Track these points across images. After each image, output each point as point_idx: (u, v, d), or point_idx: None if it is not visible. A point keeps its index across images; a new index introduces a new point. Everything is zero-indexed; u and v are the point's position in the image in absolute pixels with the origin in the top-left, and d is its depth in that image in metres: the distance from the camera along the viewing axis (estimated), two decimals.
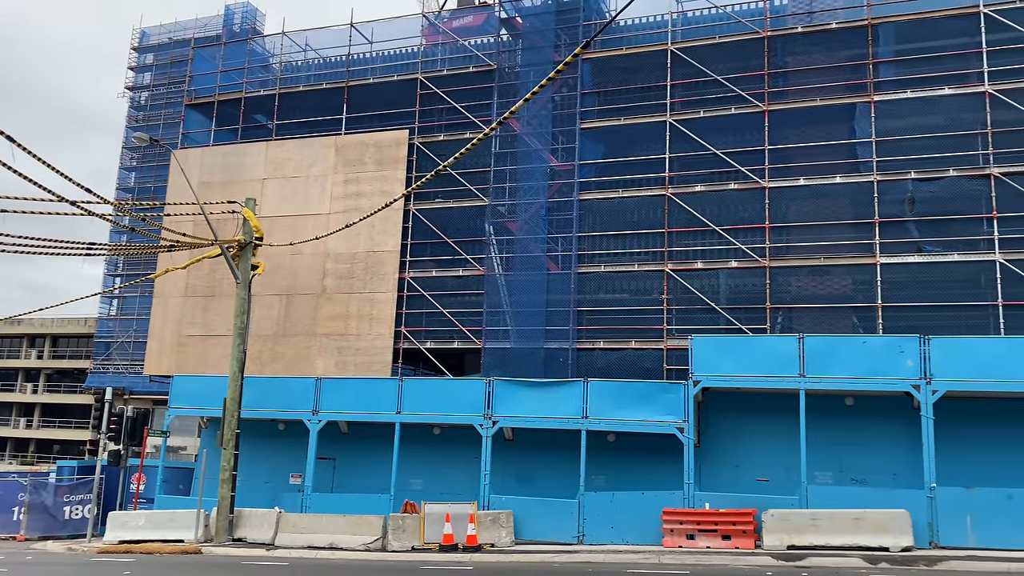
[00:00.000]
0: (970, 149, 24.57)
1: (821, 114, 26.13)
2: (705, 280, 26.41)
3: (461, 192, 29.14)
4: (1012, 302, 22.90)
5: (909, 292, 24.00)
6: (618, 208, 27.77)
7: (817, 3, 26.92)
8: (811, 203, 26.17)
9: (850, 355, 21.21)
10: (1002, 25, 24.37)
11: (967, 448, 20.72)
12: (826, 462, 21.86)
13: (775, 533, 19.57)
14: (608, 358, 26.14)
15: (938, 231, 24.47)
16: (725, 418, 23.02)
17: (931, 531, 19.29)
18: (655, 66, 27.90)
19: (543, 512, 22.18)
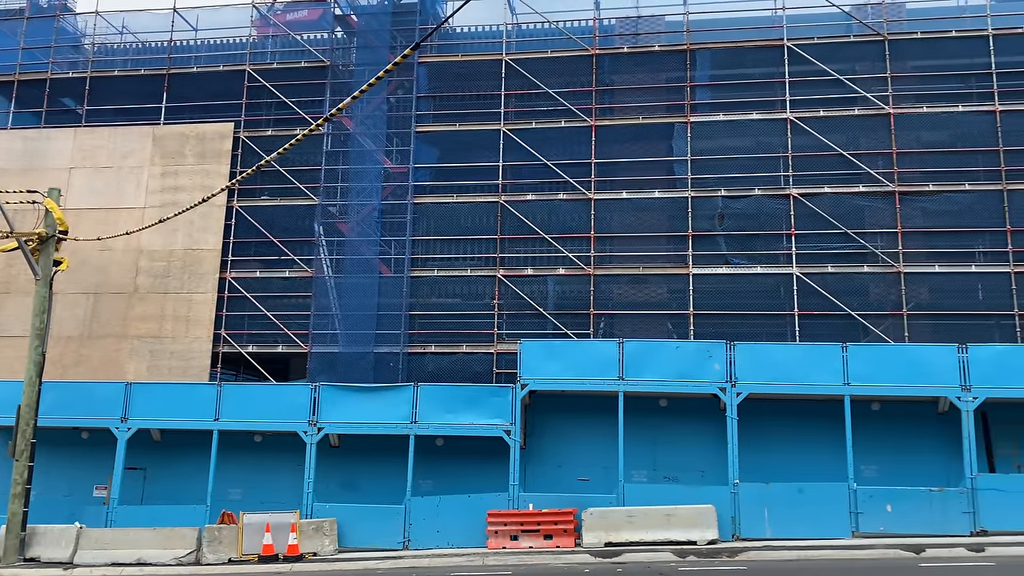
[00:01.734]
0: (773, 171, 26.72)
1: (643, 131, 27.54)
2: (534, 286, 27.07)
3: (290, 190, 28.23)
4: (806, 312, 25.10)
5: (718, 301, 25.73)
6: (452, 213, 27.93)
7: (642, 26, 28.38)
8: (632, 215, 27.50)
9: (665, 359, 22.45)
10: (803, 59, 26.72)
11: (767, 446, 22.46)
12: (642, 461, 22.99)
13: (594, 531, 20.34)
14: (439, 362, 26.19)
15: (744, 245, 26.44)
16: (550, 420, 23.68)
17: (734, 524, 20.73)
18: (490, 75, 28.34)
19: (369, 519, 21.86)
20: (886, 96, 26.19)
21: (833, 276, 25.37)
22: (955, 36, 26.45)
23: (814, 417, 22.32)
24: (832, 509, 20.54)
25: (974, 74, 26.45)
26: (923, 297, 25.23)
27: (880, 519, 20.40)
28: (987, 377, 21.09)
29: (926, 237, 25.71)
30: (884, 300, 25.30)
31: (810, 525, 20.43)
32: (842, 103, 26.53)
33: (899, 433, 22.34)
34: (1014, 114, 25.46)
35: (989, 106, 25.63)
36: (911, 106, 26.22)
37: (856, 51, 27.05)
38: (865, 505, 20.51)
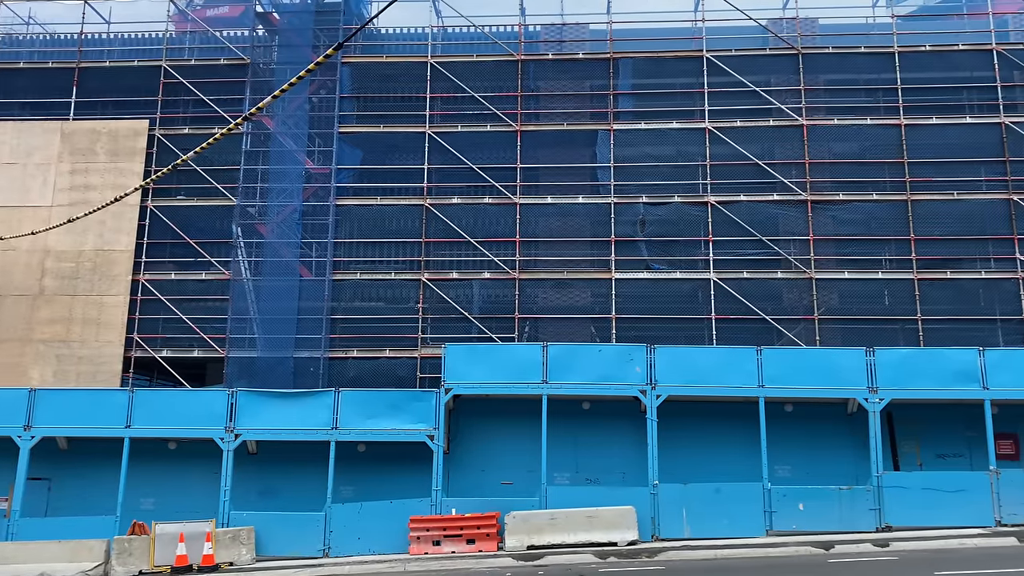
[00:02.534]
0: (692, 178, 27.34)
1: (568, 137, 27.83)
2: (460, 290, 27.02)
3: (207, 190, 27.44)
4: (723, 316, 25.76)
5: (639, 305, 26.19)
6: (376, 215, 27.64)
7: (567, 33, 28.70)
8: (557, 220, 27.75)
9: (587, 362, 22.73)
10: (721, 70, 27.46)
11: (686, 447, 22.94)
12: (565, 463, 23.18)
13: (516, 534, 20.40)
14: (361, 367, 25.84)
15: (664, 251, 26.99)
16: (475, 424, 23.65)
17: (653, 525, 21.10)
18: (416, 77, 28.18)
19: (288, 526, 21.43)
20: (799, 108, 27.13)
21: (749, 282, 26.12)
22: (864, 52, 27.61)
23: (731, 418, 22.91)
24: (748, 508, 21.13)
25: (881, 89, 27.65)
26: (833, 302, 26.21)
27: (793, 517, 21.07)
28: (892, 379, 22.06)
29: (836, 245, 26.73)
30: (797, 305, 26.19)
31: (727, 524, 20.97)
32: (758, 114, 27.37)
33: (811, 434, 23.13)
34: (918, 128, 26.70)
35: (895, 120, 26.82)
36: (823, 118, 27.23)
37: (772, 64, 27.95)
38: (779, 504, 21.16)
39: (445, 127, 27.63)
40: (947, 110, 26.99)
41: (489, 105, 27.52)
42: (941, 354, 22.50)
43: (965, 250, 26.27)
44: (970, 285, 25.98)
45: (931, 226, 26.09)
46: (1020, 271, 25.51)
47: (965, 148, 26.63)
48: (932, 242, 26.03)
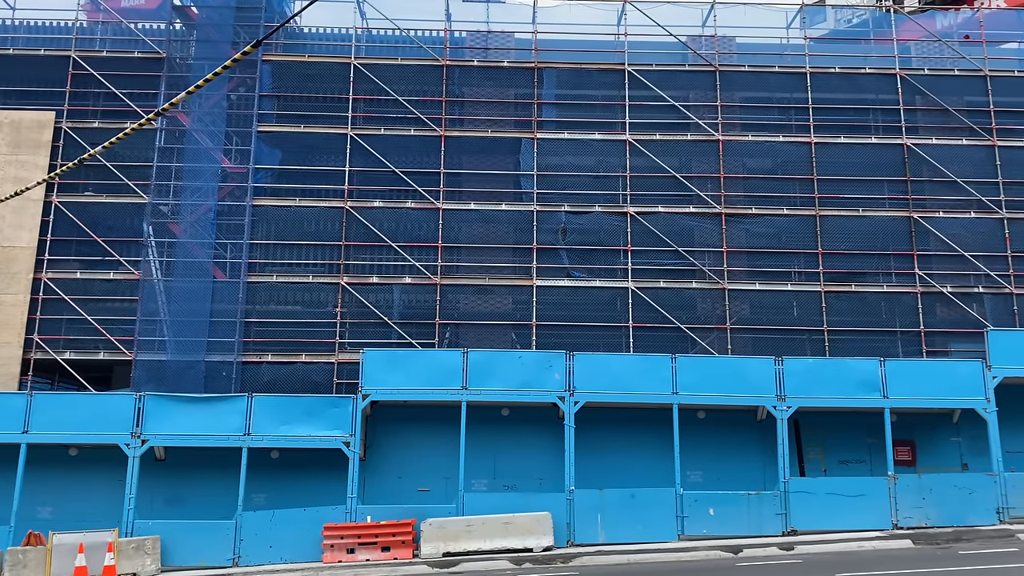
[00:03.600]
0: (613, 189, 27.79)
1: (492, 144, 27.93)
2: (380, 294, 26.73)
3: (117, 187, 26.40)
4: (641, 324, 26.25)
5: (559, 312, 26.45)
6: (294, 217, 27.09)
7: (492, 41, 28.82)
8: (480, 226, 27.77)
9: (508, 369, 22.82)
10: (642, 84, 28.03)
11: (603, 453, 23.29)
12: (483, 470, 23.21)
13: (432, 541, 20.29)
14: (276, 372, 25.28)
15: (585, 259, 27.35)
16: (392, 431, 23.45)
17: (569, 531, 21.31)
18: (338, 78, 27.81)
19: (196, 535, 20.79)
20: (716, 124, 27.93)
21: (665, 291, 26.69)
22: (778, 72, 28.64)
23: (646, 425, 23.37)
24: (661, 513, 21.55)
25: (794, 108, 28.71)
26: (745, 312, 27.02)
27: (704, 522, 21.59)
28: (799, 388, 22.88)
29: (748, 257, 27.57)
30: (710, 314, 26.89)
31: (641, 529, 21.34)
32: (677, 128, 28.04)
33: (722, 440, 23.78)
34: (827, 146, 27.82)
35: (806, 138, 27.88)
36: (738, 134, 28.10)
37: (691, 80, 28.68)
38: (690, 509, 21.65)
39: (368, 129, 27.34)
40: (854, 130, 28.23)
41: (413, 109, 27.38)
42: (845, 364, 23.46)
43: (868, 264, 27.46)
44: (873, 298, 27.18)
45: (837, 241, 27.21)
46: (919, 285, 26.83)
47: (870, 167, 27.89)
48: (838, 256, 27.15)
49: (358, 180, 27.21)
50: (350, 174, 26.98)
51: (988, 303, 26.92)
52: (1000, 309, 26.87)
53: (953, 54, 29.17)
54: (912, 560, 17.39)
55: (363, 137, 27.11)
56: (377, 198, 27.04)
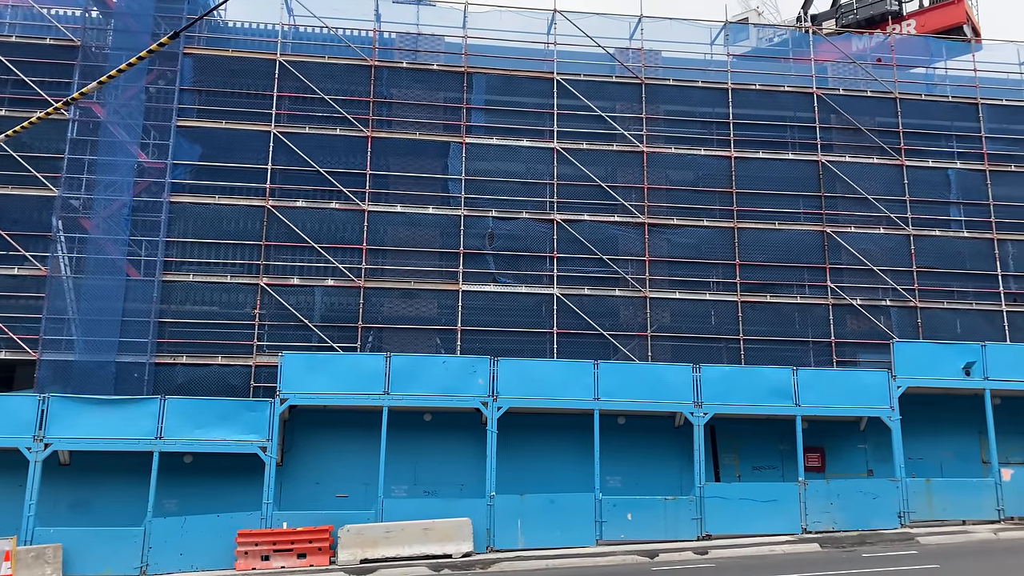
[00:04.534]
0: (540, 196, 28.03)
1: (420, 147, 27.77)
2: (301, 296, 26.22)
3: (24, 178, 25.17)
4: (565, 331, 26.49)
5: (485, 317, 26.46)
6: (213, 215, 26.35)
7: (422, 43, 28.69)
8: (406, 229, 27.58)
9: (431, 374, 22.70)
10: (570, 93, 28.35)
11: (524, 458, 23.37)
12: (403, 476, 23.01)
13: (350, 548, 20.00)
14: (191, 374, 24.51)
15: (511, 265, 27.43)
16: (311, 435, 23.04)
17: (489, 536, 21.30)
18: (263, 74, 27.23)
19: (102, 543, 20.00)
20: (641, 135, 28.45)
21: (589, 298, 27.02)
22: (701, 87, 29.37)
23: (568, 430, 23.57)
24: (580, 518, 21.76)
25: (715, 122, 29.47)
26: (665, 320, 27.56)
27: (622, 527, 21.89)
28: (716, 395, 23.44)
29: (670, 266, 28.14)
30: (632, 322, 27.34)
31: (560, 534, 21.50)
32: (603, 138, 28.45)
33: (641, 445, 24.19)
34: (746, 161, 28.66)
35: (726, 152, 28.66)
36: (662, 146, 28.68)
37: (617, 91, 29.15)
38: (609, 514, 21.92)
39: (292, 127, 26.85)
40: (772, 146, 29.17)
41: (340, 108, 27.03)
42: (759, 372, 24.16)
43: (783, 276, 28.35)
44: (787, 308, 28.08)
45: (754, 252, 28.04)
46: (830, 297, 27.87)
47: (786, 182, 28.87)
48: (755, 267, 27.98)
49: (281, 179, 26.68)
50: (273, 173, 26.44)
51: (894, 316, 28.15)
52: (905, 322, 28.13)
53: (866, 76, 30.45)
54: (819, 563, 17.99)
55: (287, 135, 26.61)
56: (300, 198, 26.56)
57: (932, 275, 28.63)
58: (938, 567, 16.71)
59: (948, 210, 29.67)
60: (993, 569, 16.16)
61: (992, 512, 23.22)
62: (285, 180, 26.74)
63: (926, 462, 24.98)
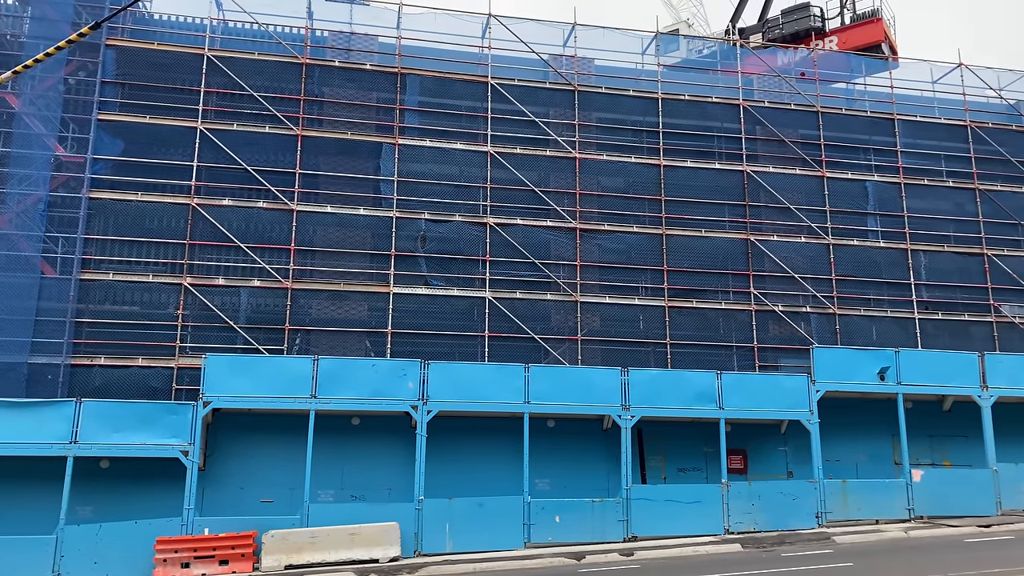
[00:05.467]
0: (473, 199, 28.04)
1: (351, 147, 27.44)
2: (226, 297, 25.59)
3: None
4: (496, 334, 26.53)
5: (416, 320, 26.30)
6: (135, 212, 25.49)
7: (355, 43, 28.37)
8: (336, 230, 27.21)
9: (360, 377, 22.47)
10: (504, 97, 28.46)
11: (454, 462, 23.36)
12: (330, 480, 22.73)
13: (274, 554, 19.64)
14: (109, 376, 23.66)
15: (443, 268, 27.34)
16: (235, 439, 22.56)
17: (416, 541, 21.19)
18: (190, 69, 26.52)
19: (10, 551, 19.33)
20: (573, 142, 28.75)
21: (521, 302, 27.15)
22: (632, 95, 29.84)
23: (498, 433, 23.63)
24: (508, 521, 21.84)
25: (646, 131, 29.97)
26: (595, 324, 27.89)
27: (550, 529, 22.05)
28: (643, 398, 23.84)
29: (600, 271, 28.50)
30: (563, 326, 27.57)
31: (488, 537, 21.54)
32: (536, 143, 28.64)
33: (570, 448, 24.45)
34: (675, 169, 29.24)
35: (656, 160, 29.20)
36: (594, 153, 29.03)
37: (551, 97, 29.37)
38: (537, 517, 22.06)
39: (219, 124, 26.22)
40: (700, 155, 29.84)
41: (269, 106, 26.55)
42: (685, 376, 24.68)
43: (709, 282, 29.02)
44: (712, 314, 28.75)
45: (681, 259, 28.62)
46: (753, 304, 28.64)
47: (713, 191, 29.57)
48: (682, 273, 28.55)
49: (207, 176, 26.02)
50: (198, 170, 25.78)
51: (814, 322, 29.10)
52: (824, 328, 29.11)
53: (790, 89, 31.43)
54: (740, 563, 18.46)
55: (214, 132, 25.99)
56: (227, 196, 25.94)
57: (850, 283, 29.72)
58: (852, 565, 17.33)
59: (865, 221, 30.84)
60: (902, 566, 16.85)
61: (903, 512, 24.21)
62: (211, 178, 26.08)
63: (843, 464, 25.91)
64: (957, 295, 30.61)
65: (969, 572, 15.60)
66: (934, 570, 15.95)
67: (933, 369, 26.12)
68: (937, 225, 31.11)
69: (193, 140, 25.80)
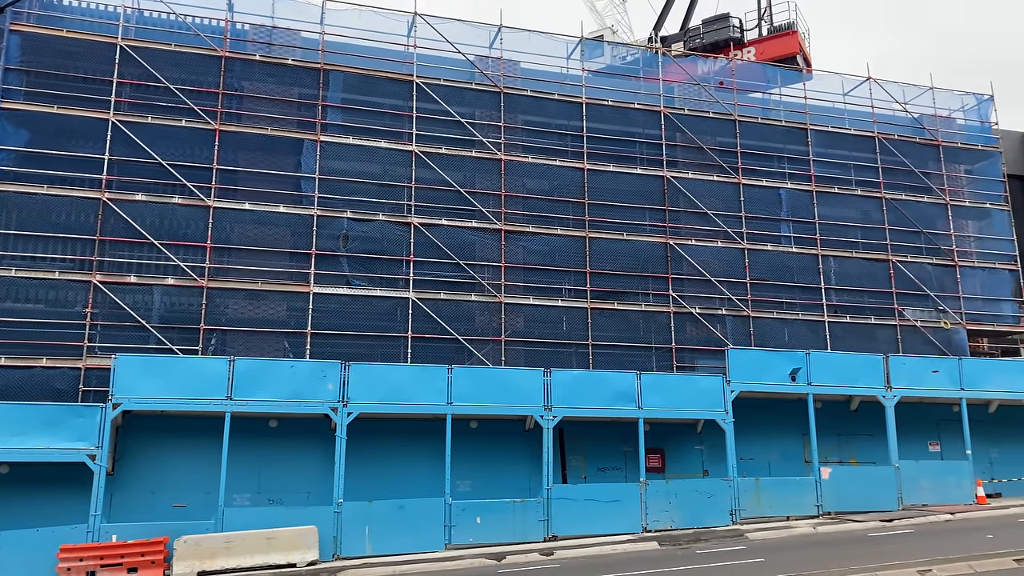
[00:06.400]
0: (398, 198, 27.81)
1: (272, 143, 26.85)
2: (138, 296, 24.69)
3: None
4: (420, 335, 26.39)
5: (337, 321, 25.89)
6: (40, 206, 24.30)
7: (277, 37, 27.78)
8: (255, 228, 26.57)
9: (278, 379, 22.02)
10: (430, 97, 28.33)
11: (376, 464, 23.14)
12: (247, 484, 22.21)
13: (186, 560, 19.07)
14: (10, 377, 22.49)
15: (366, 268, 27.02)
16: (146, 443, 21.84)
17: (336, 544, 20.89)
18: (102, 58, 25.52)
19: None
20: (499, 143, 28.84)
21: (445, 302, 27.07)
22: (557, 99, 30.13)
23: (420, 435, 23.53)
24: (429, 523, 21.74)
25: (570, 135, 30.30)
26: (519, 325, 28.02)
27: (471, 530, 22.05)
28: (565, 398, 24.09)
29: (525, 272, 28.66)
30: (487, 327, 27.61)
31: (409, 540, 21.39)
32: (462, 144, 28.60)
33: (492, 449, 24.50)
34: (598, 173, 29.65)
35: (580, 164, 29.55)
36: (519, 155, 29.19)
37: (477, 99, 29.39)
38: (458, 518, 22.02)
39: (133, 116, 25.31)
40: (622, 160, 30.34)
41: (186, 99, 25.77)
42: (606, 376, 25.04)
43: (630, 284, 29.52)
44: (632, 315, 29.25)
45: (604, 261, 29.05)
46: (672, 306, 29.27)
47: (635, 195, 30.10)
48: (604, 275, 28.97)
49: (119, 170, 25.07)
50: (110, 163, 24.83)
51: (729, 324, 29.93)
52: (739, 330, 29.97)
53: (709, 98, 32.26)
54: (656, 560, 18.83)
55: (127, 124, 25.08)
56: (140, 191, 25.04)
57: (763, 287, 30.68)
58: (763, 560, 17.89)
59: (779, 227, 31.91)
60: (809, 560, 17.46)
61: (812, 508, 25.12)
62: (124, 172, 25.14)
63: (756, 462, 26.72)
64: (864, 299, 31.96)
65: (871, 564, 16.29)
66: (839, 563, 16.60)
67: (841, 370, 27.19)
68: (846, 232, 32.44)
69: (105, 132, 24.85)
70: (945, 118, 35.48)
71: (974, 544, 18.35)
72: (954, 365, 28.40)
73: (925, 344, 31.73)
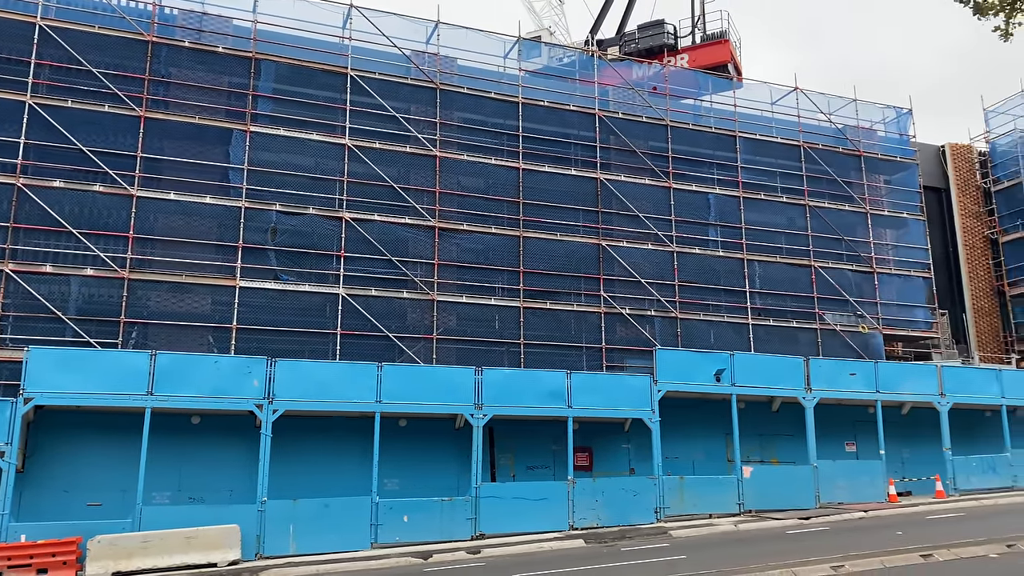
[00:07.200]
0: (329, 192, 27.39)
1: (199, 132, 26.13)
2: (54, 286, 23.75)
3: None
4: (350, 332, 26.07)
5: (264, 316, 25.38)
6: None
7: (207, 23, 27.06)
8: (179, 219, 25.83)
9: (202, 374, 21.43)
10: (364, 91, 28.01)
11: (302, 462, 22.74)
12: (167, 482, 21.60)
13: (101, 560, 18.41)
14: None
15: (295, 262, 26.53)
16: (60, 439, 21.00)
17: (259, 543, 20.45)
18: (19, 38, 24.45)
19: None
20: (435, 140, 28.70)
21: (376, 299, 26.81)
22: (494, 98, 30.15)
23: (348, 433, 23.22)
24: (355, 522, 21.47)
25: (506, 134, 30.36)
26: (452, 323, 27.96)
27: (398, 529, 21.87)
28: (496, 397, 24.08)
29: (458, 270, 28.60)
30: (419, 324, 27.46)
31: (335, 539, 21.07)
32: (396, 139, 28.36)
33: (421, 448, 24.35)
34: (533, 173, 29.82)
35: (515, 163, 29.65)
36: (455, 153, 29.10)
37: (413, 94, 29.18)
38: (385, 517, 21.82)
39: (52, 99, 24.33)
40: (557, 161, 30.56)
41: (109, 84, 24.87)
42: (536, 375, 25.17)
43: (562, 284, 29.77)
44: (564, 315, 29.51)
45: (537, 261, 29.21)
46: (603, 306, 29.63)
47: (568, 196, 30.37)
48: (537, 275, 29.13)
49: (36, 156, 24.04)
50: (26, 148, 23.79)
51: (658, 325, 30.46)
52: (667, 331, 30.53)
53: (643, 102, 32.76)
54: (582, 558, 19.03)
55: (46, 108, 24.08)
56: (58, 177, 24.08)
57: (691, 289, 31.32)
58: (685, 557, 18.25)
59: (707, 231, 32.62)
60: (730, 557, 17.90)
61: (734, 506, 25.74)
62: (41, 157, 24.12)
63: (681, 461, 27.24)
64: (787, 303, 32.93)
65: (789, 560, 16.79)
66: (757, 560, 17.06)
67: (764, 372, 27.93)
68: (771, 237, 33.37)
69: (21, 115, 23.80)
70: (867, 129, 36.84)
71: (885, 541, 19.09)
72: (870, 368, 29.47)
73: (843, 348, 32.88)
